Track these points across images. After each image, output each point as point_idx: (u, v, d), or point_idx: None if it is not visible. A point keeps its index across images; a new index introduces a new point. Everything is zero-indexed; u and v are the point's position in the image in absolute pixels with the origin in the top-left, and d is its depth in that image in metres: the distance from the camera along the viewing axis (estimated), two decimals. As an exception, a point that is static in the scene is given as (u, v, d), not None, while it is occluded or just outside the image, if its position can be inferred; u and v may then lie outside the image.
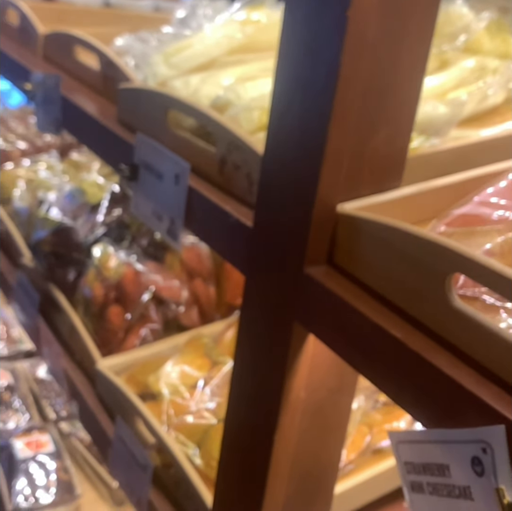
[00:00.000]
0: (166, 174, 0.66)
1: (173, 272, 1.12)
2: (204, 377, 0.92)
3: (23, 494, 1.35)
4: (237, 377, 0.58)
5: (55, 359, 1.07)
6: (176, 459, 0.76)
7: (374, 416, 0.84)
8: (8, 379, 1.60)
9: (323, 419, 0.58)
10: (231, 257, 0.59)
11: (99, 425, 0.91)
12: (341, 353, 0.46)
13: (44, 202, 1.22)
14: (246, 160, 0.59)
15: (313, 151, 0.46)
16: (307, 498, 0.62)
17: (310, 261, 0.49)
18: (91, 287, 1.05)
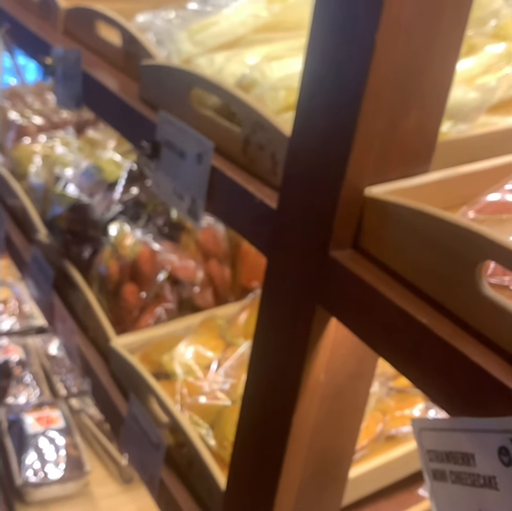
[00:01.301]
0: (188, 153, 0.66)
1: (188, 253, 1.12)
2: (218, 358, 0.92)
3: (33, 469, 1.36)
4: (256, 359, 0.58)
5: (69, 335, 1.07)
6: (189, 439, 0.76)
7: (388, 402, 0.84)
8: (20, 354, 1.61)
9: (341, 403, 0.58)
10: (252, 238, 0.58)
11: (112, 403, 0.91)
12: (364, 337, 0.46)
13: (61, 178, 1.22)
14: (271, 141, 0.59)
15: (344, 133, 0.45)
16: (321, 482, 0.62)
17: (335, 245, 0.48)
18: (106, 265, 1.05)
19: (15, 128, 1.67)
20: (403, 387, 0.86)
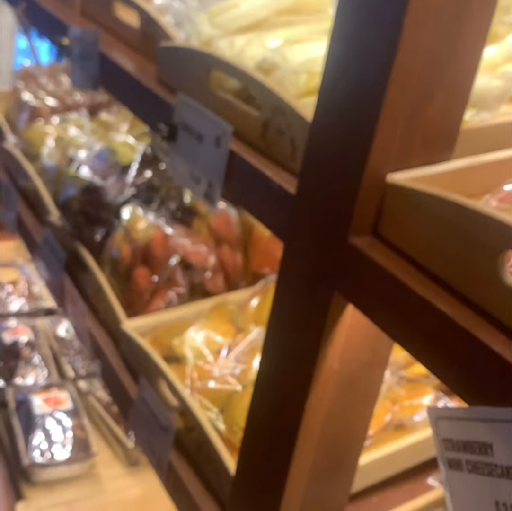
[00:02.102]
0: (206, 136, 0.65)
1: (201, 238, 1.12)
2: (229, 343, 0.92)
3: (40, 449, 1.37)
4: (270, 344, 0.58)
5: (79, 317, 1.07)
6: (199, 422, 0.76)
7: (398, 391, 0.84)
8: (29, 335, 1.62)
9: (354, 391, 0.58)
10: (269, 223, 0.58)
11: (121, 385, 0.92)
12: (382, 325, 0.46)
13: (74, 160, 1.22)
14: (291, 125, 0.58)
15: (368, 118, 0.45)
16: (332, 469, 0.62)
17: (355, 231, 0.48)
18: (118, 248, 1.05)
19: (28, 109, 1.67)
20: (414, 376, 0.85)
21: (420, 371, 0.87)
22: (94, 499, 1.37)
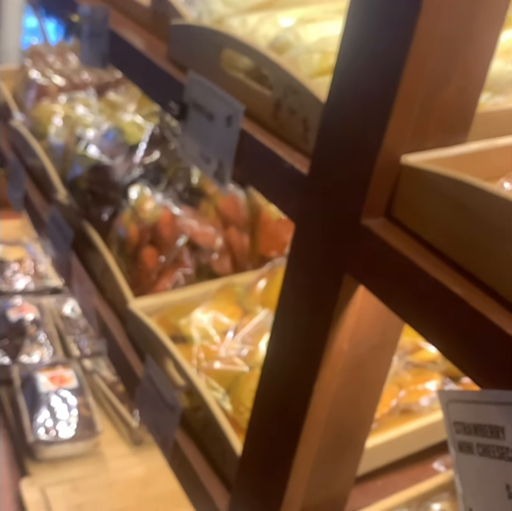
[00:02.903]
0: (217, 115, 0.65)
1: (208, 219, 1.12)
2: (235, 324, 0.92)
3: (44, 427, 1.38)
4: (279, 325, 0.58)
5: (86, 296, 1.07)
6: (205, 402, 0.76)
7: (404, 376, 0.84)
8: (34, 313, 1.62)
9: (362, 374, 0.58)
10: (281, 204, 0.58)
11: (127, 364, 0.92)
12: (394, 307, 0.45)
13: (82, 139, 1.21)
14: (303, 105, 0.57)
15: (384, 98, 0.44)
16: (338, 451, 0.62)
17: (367, 213, 0.47)
18: (126, 228, 1.05)
19: (35, 88, 1.66)
20: (420, 361, 0.85)
21: (426, 356, 0.86)
22: (98, 477, 1.38)
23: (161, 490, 1.34)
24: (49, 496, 1.34)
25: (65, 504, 1.33)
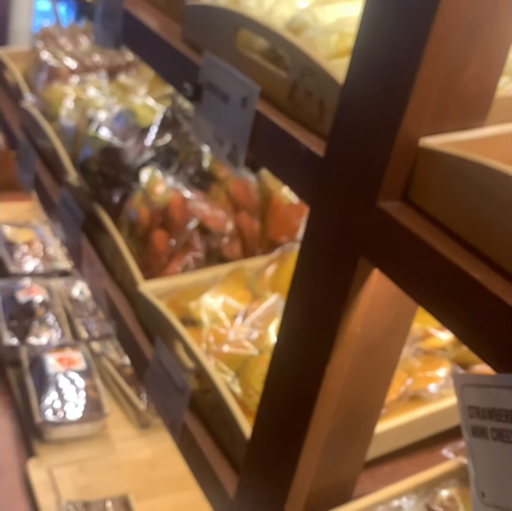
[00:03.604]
0: (232, 97, 0.64)
1: (218, 203, 1.11)
2: (245, 309, 0.92)
3: (52, 408, 1.39)
4: (291, 308, 0.58)
5: (96, 278, 1.07)
6: (214, 384, 0.76)
7: (414, 363, 0.84)
8: (43, 295, 1.62)
9: (374, 358, 0.58)
10: (295, 186, 0.57)
11: (137, 346, 0.92)
12: (410, 291, 0.45)
13: (93, 120, 1.21)
14: (320, 87, 0.57)
15: (404, 79, 0.44)
16: (348, 435, 0.62)
17: (384, 196, 0.47)
18: (137, 211, 1.05)
19: (46, 69, 1.65)
20: (430, 348, 0.85)
21: (436, 343, 0.86)
22: (105, 459, 1.38)
23: (167, 472, 1.34)
24: (56, 477, 1.35)
25: (71, 485, 1.34)
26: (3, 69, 1.69)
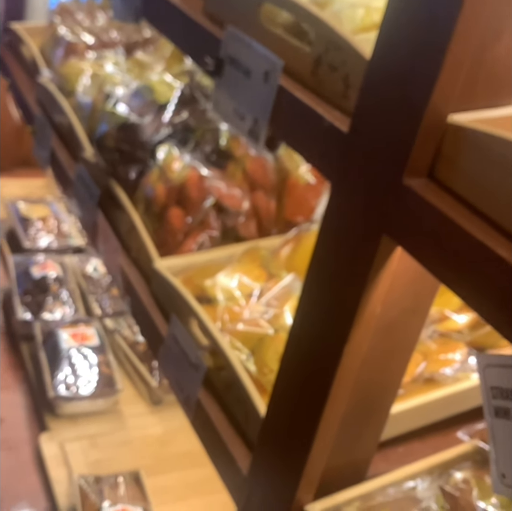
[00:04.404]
0: (254, 71, 0.63)
1: (235, 182, 1.11)
2: (260, 287, 0.92)
3: (65, 383, 1.39)
4: (311, 286, 0.57)
5: (111, 255, 1.07)
6: (229, 362, 0.76)
7: (429, 345, 0.83)
8: (57, 271, 1.63)
9: (393, 338, 0.57)
10: (318, 162, 0.56)
11: (152, 322, 0.92)
12: (434, 269, 0.44)
13: (111, 96, 1.20)
14: (345, 62, 0.56)
15: (434, 53, 0.43)
16: (363, 416, 0.62)
17: (410, 173, 0.46)
18: (153, 188, 1.04)
19: (64, 45, 1.64)
20: (446, 331, 0.84)
21: (453, 326, 0.86)
22: (117, 435, 1.39)
23: (178, 449, 1.35)
24: (68, 451, 1.36)
25: (83, 460, 1.35)
26: (20, 44, 1.68)
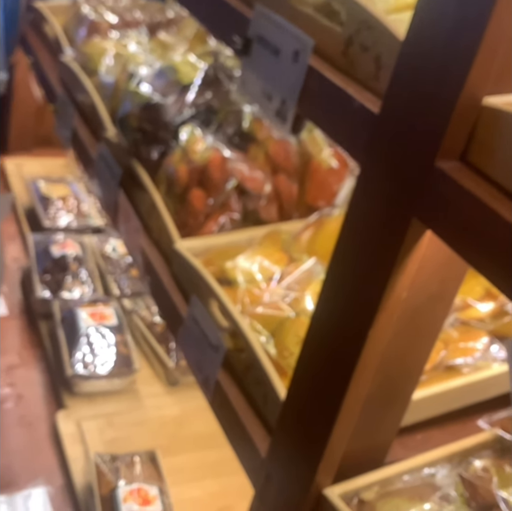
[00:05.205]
0: (283, 51, 0.63)
1: (257, 165, 1.10)
2: (281, 271, 0.91)
3: (83, 362, 1.40)
4: (336, 270, 0.57)
5: (132, 235, 1.07)
6: (249, 343, 0.76)
7: (451, 333, 0.83)
8: (77, 250, 1.63)
9: (417, 323, 0.57)
10: (347, 144, 0.56)
11: (172, 303, 0.92)
12: (465, 253, 0.44)
13: (135, 75, 1.20)
14: (377, 42, 0.55)
15: (470, 36, 0.42)
16: (385, 401, 0.62)
17: (443, 155, 0.45)
18: (175, 168, 1.04)
19: (87, 24, 1.64)
20: (469, 319, 0.84)
21: (475, 314, 0.85)
22: (133, 414, 1.40)
23: (194, 431, 1.36)
24: (84, 429, 1.37)
25: (99, 438, 1.36)
26: (43, 22, 1.68)
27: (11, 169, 2.01)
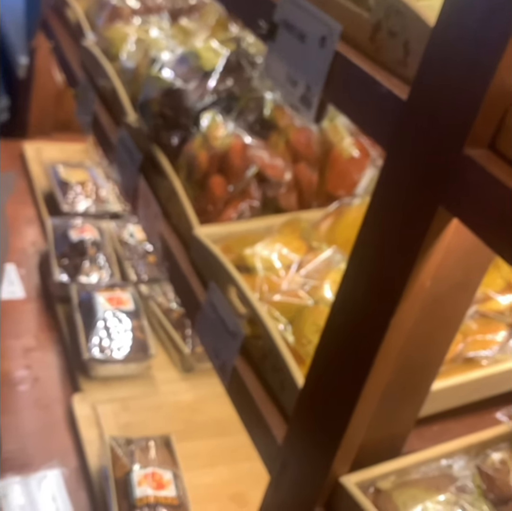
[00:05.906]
0: (310, 36, 0.62)
1: (278, 152, 1.09)
2: (300, 259, 0.91)
3: (99, 346, 1.41)
4: (359, 258, 0.56)
5: (151, 220, 1.07)
6: (267, 330, 0.76)
7: (470, 325, 0.82)
8: (95, 235, 1.64)
9: (439, 313, 0.56)
10: (373, 130, 0.55)
11: (190, 289, 0.92)
12: (491, 242, 0.43)
13: (157, 61, 1.19)
14: (406, 27, 0.54)
15: (503, 24, 0.41)
16: (404, 391, 0.61)
17: (471, 143, 0.45)
18: (196, 154, 1.04)
19: (109, 8, 1.64)
20: (488, 311, 0.83)
21: (495, 307, 0.84)
22: (148, 399, 1.41)
23: (208, 417, 1.37)
24: (100, 413, 1.38)
25: (114, 422, 1.37)
26: (65, 6, 1.68)
27: (31, 154, 2.02)
